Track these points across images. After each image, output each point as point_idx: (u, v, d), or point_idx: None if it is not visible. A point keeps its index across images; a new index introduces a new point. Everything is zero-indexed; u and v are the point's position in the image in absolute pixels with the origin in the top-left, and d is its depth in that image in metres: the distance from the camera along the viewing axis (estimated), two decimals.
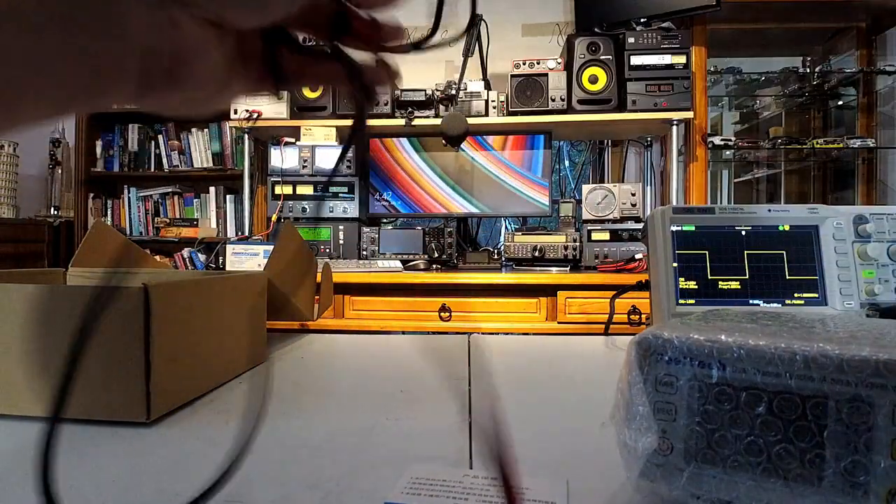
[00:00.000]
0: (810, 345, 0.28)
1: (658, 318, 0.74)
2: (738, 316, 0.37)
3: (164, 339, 0.49)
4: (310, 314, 0.89)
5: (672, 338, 0.31)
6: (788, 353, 0.28)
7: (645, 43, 2.11)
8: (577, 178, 2.83)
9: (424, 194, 2.36)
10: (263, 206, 2.54)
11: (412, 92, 2.25)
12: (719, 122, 2.82)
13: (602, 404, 0.34)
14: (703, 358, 0.30)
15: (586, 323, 1.90)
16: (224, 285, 0.61)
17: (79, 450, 0.43)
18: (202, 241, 2.69)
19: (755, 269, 0.71)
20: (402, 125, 2.25)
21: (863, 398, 0.26)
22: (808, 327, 0.33)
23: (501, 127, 2.28)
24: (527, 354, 0.81)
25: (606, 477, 0.37)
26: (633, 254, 2.07)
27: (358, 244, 2.25)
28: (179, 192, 2.94)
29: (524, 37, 2.65)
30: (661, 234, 0.73)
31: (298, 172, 2.27)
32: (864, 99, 2.46)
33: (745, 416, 0.29)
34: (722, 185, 2.82)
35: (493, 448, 0.23)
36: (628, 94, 2.11)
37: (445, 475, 0.38)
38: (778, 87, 2.58)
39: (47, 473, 0.20)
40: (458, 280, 1.98)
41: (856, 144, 2.31)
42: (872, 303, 0.69)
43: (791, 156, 2.59)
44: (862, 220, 0.71)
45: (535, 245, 2.13)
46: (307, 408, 0.54)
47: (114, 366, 0.47)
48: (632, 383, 0.32)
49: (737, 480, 0.29)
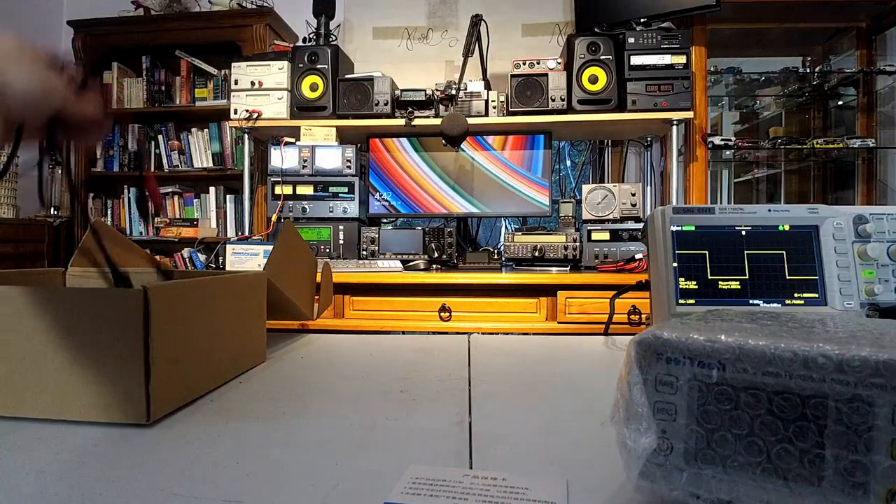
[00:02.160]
0: (810, 345, 0.28)
1: (658, 318, 0.74)
2: (738, 316, 0.37)
3: (164, 340, 0.49)
4: (310, 313, 0.89)
5: (672, 338, 0.31)
6: (788, 353, 0.28)
7: (645, 43, 2.11)
8: (577, 178, 2.83)
9: (424, 194, 2.36)
10: (263, 206, 2.54)
11: (412, 92, 2.25)
12: (719, 122, 2.82)
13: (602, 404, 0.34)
14: (703, 358, 0.30)
15: (586, 323, 1.90)
16: (224, 285, 0.61)
17: (79, 451, 0.43)
18: (202, 241, 2.68)
19: (755, 269, 0.71)
20: (402, 125, 2.25)
21: (863, 398, 0.26)
22: (808, 327, 0.33)
23: (501, 127, 2.28)
24: (527, 354, 0.81)
25: (606, 477, 0.37)
26: (633, 254, 2.07)
27: (358, 244, 2.25)
28: (179, 192, 2.94)
29: (524, 37, 2.65)
30: (661, 234, 0.73)
31: (298, 172, 2.27)
32: (864, 99, 2.46)
33: (745, 416, 0.29)
34: (722, 185, 2.82)
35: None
36: (628, 94, 2.11)
37: (445, 475, 0.38)
38: (778, 87, 2.58)
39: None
40: (458, 280, 1.98)
41: (856, 144, 2.31)
42: (872, 303, 0.69)
43: (791, 156, 2.59)
44: (862, 220, 0.71)
45: (535, 245, 2.13)
46: (307, 408, 0.54)
47: (114, 368, 0.47)
48: (632, 383, 0.32)
49: (737, 480, 0.29)
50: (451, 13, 2.68)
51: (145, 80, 2.88)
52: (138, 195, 2.76)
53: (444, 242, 2.22)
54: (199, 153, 2.89)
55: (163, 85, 2.90)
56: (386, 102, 2.24)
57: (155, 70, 2.89)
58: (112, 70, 2.88)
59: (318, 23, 2.36)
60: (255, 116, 2.28)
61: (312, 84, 2.28)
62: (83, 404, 0.48)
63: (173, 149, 2.90)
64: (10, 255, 2.59)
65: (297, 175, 2.27)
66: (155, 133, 2.94)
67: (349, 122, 2.29)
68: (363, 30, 2.73)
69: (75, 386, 0.48)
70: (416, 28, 2.70)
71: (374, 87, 2.25)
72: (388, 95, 2.24)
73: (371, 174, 2.38)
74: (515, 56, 2.33)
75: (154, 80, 2.89)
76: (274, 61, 2.31)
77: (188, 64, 2.88)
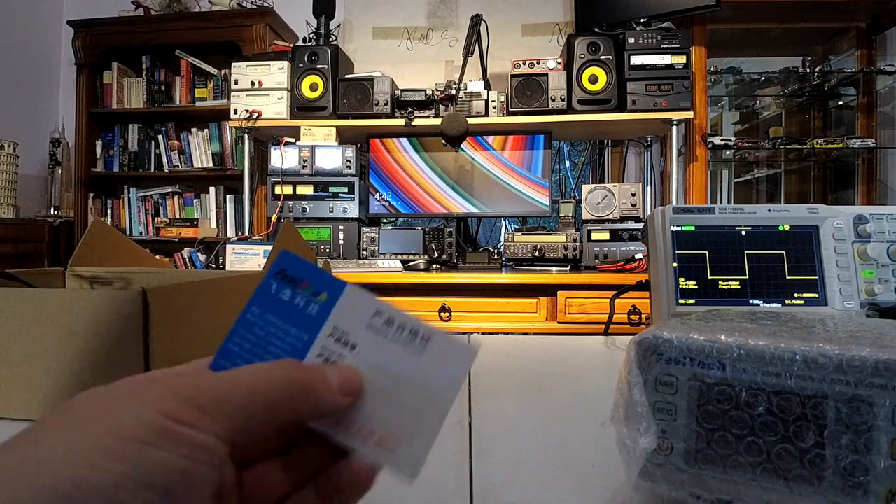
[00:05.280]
0: (810, 345, 0.28)
1: (658, 318, 0.74)
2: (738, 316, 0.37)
3: (164, 342, 0.49)
4: None
5: (672, 338, 0.31)
6: (788, 353, 0.28)
7: (645, 43, 2.11)
8: (577, 178, 2.83)
9: (424, 194, 2.36)
10: (263, 206, 2.54)
11: (412, 92, 2.25)
12: (719, 122, 2.82)
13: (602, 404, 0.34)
14: (703, 358, 0.30)
15: (586, 323, 1.90)
16: (224, 286, 0.61)
17: None
18: (202, 241, 2.68)
19: (755, 269, 0.71)
20: (402, 125, 2.25)
21: (863, 398, 0.26)
22: (807, 327, 0.33)
23: (501, 127, 2.28)
24: (527, 354, 0.81)
25: (606, 477, 0.37)
26: (633, 254, 2.07)
27: (358, 244, 2.25)
28: (179, 192, 2.94)
29: (524, 37, 2.65)
30: (661, 234, 0.73)
31: (298, 172, 2.27)
32: (864, 99, 2.46)
33: (745, 416, 0.29)
34: (722, 185, 2.82)
35: None
36: (628, 94, 2.11)
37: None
38: (778, 87, 2.58)
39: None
40: (458, 280, 1.98)
41: (856, 144, 2.31)
42: (872, 303, 0.69)
43: (791, 156, 2.59)
44: (862, 220, 0.71)
45: (535, 245, 2.13)
46: None
47: (113, 370, 0.47)
48: (632, 383, 0.32)
49: (737, 480, 0.29)
50: (451, 13, 2.68)
51: (145, 80, 2.88)
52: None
53: (444, 242, 2.22)
54: (199, 153, 2.89)
55: (163, 85, 2.90)
56: (386, 102, 2.24)
57: (155, 70, 2.89)
58: (112, 70, 2.88)
59: (318, 23, 2.36)
60: (255, 116, 2.28)
61: (312, 84, 2.28)
62: None
63: (173, 149, 2.90)
64: (10, 255, 2.59)
65: (297, 175, 2.27)
66: (155, 133, 2.94)
67: (349, 122, 2.29)
68: (363, 30, 2.73)
69: (75, 387, 0.48)
70: (416, 28, 2.70)
71: (374, 87, 2.25)
72: (388, 95, 2.24)
73: (371, 174, 2.38)
74: (515, 56, 2.33)
75: (154, 80, 2.89)
76: (274, 61, 2.31)
77: (188, 64, 2.88)
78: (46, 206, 3.02)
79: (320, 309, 0.24)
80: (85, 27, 2.81)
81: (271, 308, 0.25)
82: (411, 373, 0.24)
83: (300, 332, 0.24)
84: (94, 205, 2.93)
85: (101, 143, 2.94)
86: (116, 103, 2.89)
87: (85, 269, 0.75)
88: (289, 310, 0.25)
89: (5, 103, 2.89)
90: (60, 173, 2.99)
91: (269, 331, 0.24)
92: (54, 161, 2.99)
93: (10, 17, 2.92)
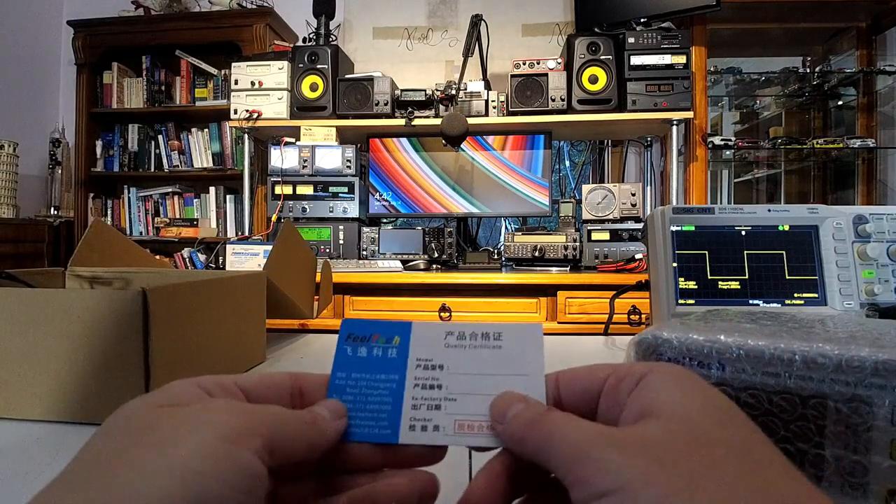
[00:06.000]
0: (810, 345, 0.28)
1: (658, 318, 0.74)
2: (738, 316, 0.37)
3: (164, 342, 0.49)
4: (309, 312, 0.89)
5: (672, 338, 0.31)
6: (788, 354, 0.28)
7: (645, 43, 2.11)
8: (577, 178, 2.83)
9: (424, 194, 2.36)
10: (263, 206, 2.54)
11: (412, 92, 2.25)
12: (719, 122, 2.82)
13: None
14: (703, 358, 0.30)
15: (586, 323, 1.90)
16: (224, 285, 0.61)
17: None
18: (202, 241, 2.69)
19: (755, 269, 0.71)
20: (402, 125, 2.25)
21: (862, 398, 0.26)
22: (807, 327, 0.33)
23: (501, 127, 2.28)
24: None
25: None
26: (633, 254, 2.07)
27: (358, 244, 2.25)
28: (179, 192, 2.94)
29: (524, 37, 2.65)
30: (660, 234, 0.73)
31: (298, 172, 2.27)
32: (864, 99, 2.46)
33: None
34: (722, 185, 2.82)
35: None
36: (628, 94, 2.11)
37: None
38: (778, 87, 2.58)
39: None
40: (458, 280, 1.98)
41: (856, 144, 2.31)
42: (872, 303, 0.69)
43: (791, 156, 2.59)
44: (862, 220, 0.71)
45: (535, 245, 2.13)
46: None
47: (113, 370, 0.47)
48: None
49: None
50: (451, 13, 2.68)
51: (145, 80, 2.88)
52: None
53: (444, 242, 2.22)
54: (199, 153, 2.89)
55: (163, 85, 2.90)
56: (386, 102, 2.24)
57: (155, 70, 2.89)
58: (112, 70, 2.88)
59: (318, 23, 2.36)
60: (255, 116, 2.28)
61: (312, 84, 2.28)
62: (82, 407, 0.48)
63: (173, 149, 2.90)
64: (10, 255, 2.59)
65: (297, 175, 2.27)
66: (155, 133, 2.94)
67: (349, 122, 2.29)
68: (363, 30, 2.73)
69: (75, 387, 0.48)
70: (416, 28, 2.70)
71: (374, 87, 2.25)
72: (388, 95, 2.24)
73: (371, 174, 2.38)
74: (515, 56, 2.33)
75: (154, 80, 2.89)
76: (274, 61, 2.31)
77: (188, 64, 2.88)
78: (46, 206, 3.02)
79: (399, 351, 0.27)
80: (85, 27, 2.81)
81: (355, 368, 0.27)
82: (501, 364, 0.26)
83: (390, 375, 0.27)
84: (94, 205, 2.93)
85: (101, 143, 2.94)
86: (116, 103, 2.89)
87: (85, 269, 0.75)
88: (370, 363, 0.27)
89: (5, 103, 2.89)
90: (60, 173, 2.99)
91: (360, 386, 0.26)
92: (54, 161, 2.99)
93: (10, 17, 2.92)
